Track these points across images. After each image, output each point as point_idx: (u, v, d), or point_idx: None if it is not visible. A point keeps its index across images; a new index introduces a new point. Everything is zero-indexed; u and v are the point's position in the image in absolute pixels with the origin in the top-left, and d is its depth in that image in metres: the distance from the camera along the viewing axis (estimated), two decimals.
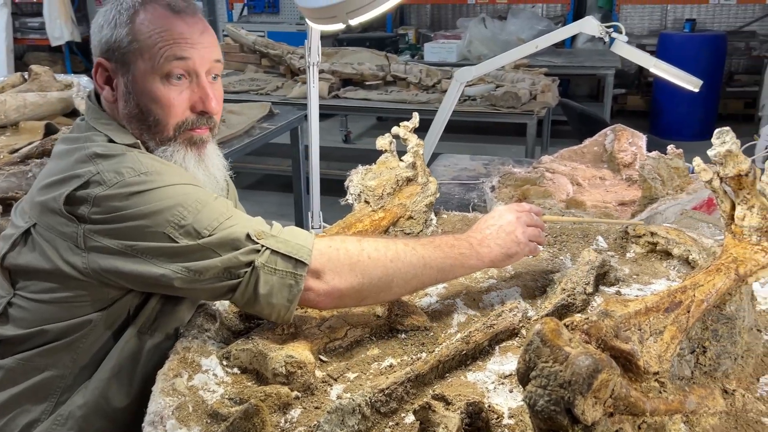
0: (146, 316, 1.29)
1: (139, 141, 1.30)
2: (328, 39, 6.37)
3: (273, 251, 1.17)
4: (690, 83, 2.33)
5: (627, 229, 1.61)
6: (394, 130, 1.61)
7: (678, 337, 0.95)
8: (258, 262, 1.16)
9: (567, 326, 0.94)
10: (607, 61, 6.03)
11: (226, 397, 1.11)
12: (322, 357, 1.23)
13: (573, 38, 7.28)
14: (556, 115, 5.60)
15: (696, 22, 6.97)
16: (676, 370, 0.99)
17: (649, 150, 2.56)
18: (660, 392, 0.94)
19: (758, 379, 1.13)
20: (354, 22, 1.16)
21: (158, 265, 1.17)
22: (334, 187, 2.74)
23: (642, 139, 2.70)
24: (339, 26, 1.20)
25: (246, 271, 1.16)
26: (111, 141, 1.27)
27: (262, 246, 1.17)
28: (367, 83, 4.93)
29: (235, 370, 1.19)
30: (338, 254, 1.20)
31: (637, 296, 1.40)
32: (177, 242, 1.16)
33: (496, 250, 1.30)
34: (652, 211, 2.08)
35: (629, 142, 2.73)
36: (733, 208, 1.11)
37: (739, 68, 7.34)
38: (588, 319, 0.93)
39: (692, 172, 2.34)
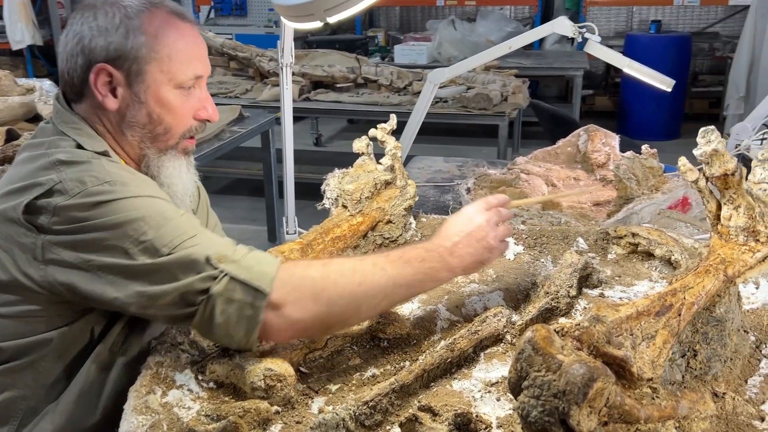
0: (114, 336, 1.23)
1: (109, 149, 1.25)
2: (297, 41, 6.31)
3: (232, 278, 1.09)
4: (663, 83, 2.34)
5: (608, 230, 1.60)
6: (372, 132, 1.57)
7: (670, 342, 0.93)
8: (214, 290, 1.09)
9: (558, 332, 0.91)
10: (576, 62, 6.08)
11: (203, 413, 1.06)
12: (302, 368, 1.18)
13: (541, 40, 7.33)
14: (526, 116, 5.63)
15: (661, 23, 7.07)
16: (667, 375, 0.97)
17: (621, 150, 2.57)
18: (653, 398, 0.92)
19: (746, 381, 1.12)
20: (332, 19, 1.12)
21: (113, 286, 1.11)
22: (306, 191, 2.69)
23: (615, 139, 2.71)
24: (316, 24, 1.17)
25: (202, 299, 1.09)
26: (79, 147, 1.21)
27: (221, 272, 1.09)
28: (338, 85, 4.89)
29: (211, 384, 1.14)
30: (302, 283, 1.13)
31: (621, 298, 1.38)
32: (134, 260, 1.10)
33: (467, 259, 1.24)
34: (628, 211, 2.08)
35: (602, 143, 2.73)
36: (719, 208, 1.10)
37: (703, 69, 7.46)
38: (579, 325, 0.90)
39: (667, 172, 2.35)
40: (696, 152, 1.05)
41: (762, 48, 5.34)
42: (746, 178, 1.05)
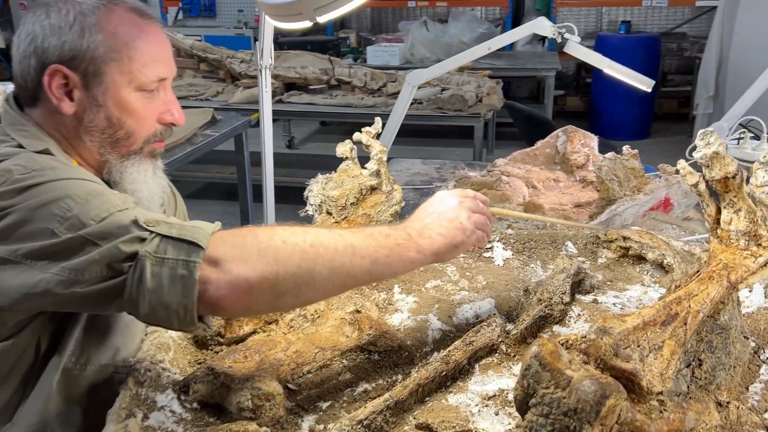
0: (70, 349, 1.13)
1: (49, 147, 1.16)
2: None
3: (163, 237, 0.97)
4: (643, 83, 2.33)
5: (598, 234, 1.57)
6: (356, 136, 1.52)
7: (677, 352, 0.90)
8: (143, 251, 0.96)
9: (563, 345, 0.88)
10: (547, 63, 6.10)
11: None
12: (290, 385, 1.13)
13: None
14: (500, 117, 5.63)
15: (631, 23, 7.14)
16: (674, 386, 0.93)
17: (600, 151, 2.56)
18: (660, 411, 0.88)
19: (747, 388, 1.09)
20: (322, 19, 1.07)
21: (37, 270, 0.99)
22: (280, 194, 2.63)
23: (594, 140, 2.70)
24: (305, 24, 1.11)
25: (130, 265, 0.96)
26: (19, 146, 1.14)
27: (151, 233, 0.98)
28: (311, 87, 4.82)
29: (195, 405, 1.08)
30: (244, 240, 1.00)
31: (614, 304, 1.36)
32: (59, 237, 0.99)
33: (438, 240, 1.12)
34: (611, 212, 2.06)
35: (581, 144, 2.71)
36: (718, 212, 1.07)
37: (672, 69, 7.56)
38: (585, 337, 0.86)
39: (648, 172, 2.34)
40: (696, 155, 1.02)
41: (730, 48, 5.41)
42: (747, 181, 1.02)
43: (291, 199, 1.53)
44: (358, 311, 1.29)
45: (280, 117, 6.01)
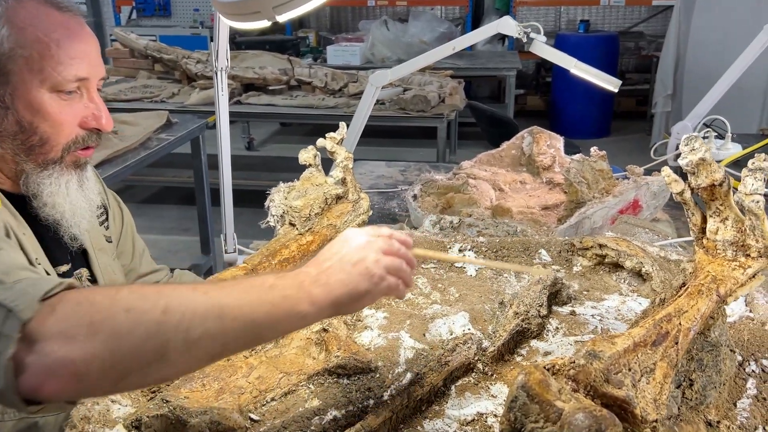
0: None
1: None
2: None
3: None
4: (610, 83, 2.30)
5: (573, 242, 1.52)
6: (320, 142, 1.44)
7: (670, 375, 0.84)
8: None
9: (549, 370, 0.81)
10: (508, 63, 6.09)
11: None
12: (252, 416, 1.04)
13: None
14: (462, 117, 5.59)
15: (589, 23, 7.19)
16: (666, 412, 0.88)
17: (564, 150, 2.53)
18: None
19: (735, 404, 1.05)
20: (281, 18, 0.98)
21: None
22: (239, 198, 2.53)
23: (560, 141, 2.67)
24: (262, 24, 1.03)
25: None
26: None
27: None
28: (270, 88, 4.70)
29: None
30: (77, 309, 0.77)
31: (593, 315, 1.30)
32: None
33: (337, 288, 0.89)
34: (581, 215, 2.02)
35: (547, 145, 2.68)
36: (704, 220, 1.02)
37: (629, 67, 7.64)
38: (574, 362, 0.80)
39: (616, 173, 2.31)
40: (681, 162, 0.97)
41: (687, 47, 5.47)
42: (734, 189, 0.97)
43: (251, 203, 1.44)
44: (325, 330, 1.21)
45: (239, 118, 5.87)
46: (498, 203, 2.29)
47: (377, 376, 1.14)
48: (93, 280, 1.33)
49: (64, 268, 1.28)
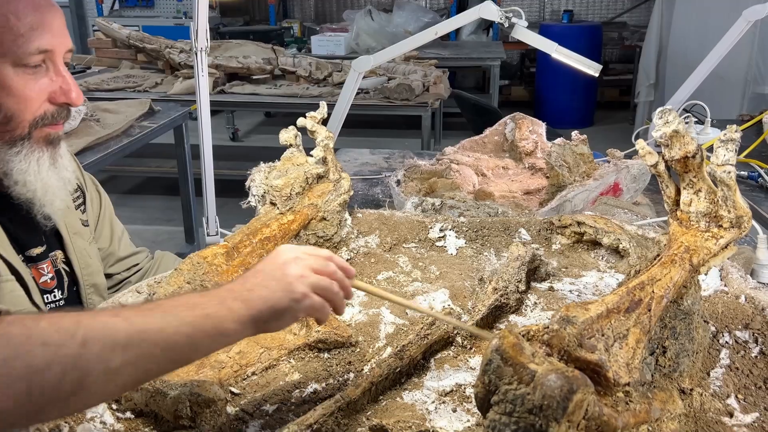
0: None
1: None
2: (209, 32, 6.03)
3: None
4: (590, 68, 2.31)
5: (552, 220, 1.53)
6: (300, 121, 1.44)
7: (643, 340, 0.85)
8: None
9: (524, 336, 0.82)
10: (493, 53, 6.10)
11: None
12: (233, 389, 1.05)
13: (458, 30, 7.34)
14: (447, 107, 5.60)
15: (573, 13, 7.22)
16: (638, 376, 0.89)
17: (547, 139, 2.54)
18: (626, 403, 0.84)
19: (708, 374, 1.07)
20: None
21: None
22: (224, 188, 2.53)
23: (542, 127, 2.68)
24: None
25: None
26: None
27: None
28: (254, 77, 4.69)
29: (128, 414, 0.99)
30: None
31: (570, 291, 1.32)
32: None
33: (256, 303, 0.86)
34: (562, 199, 2.03)
35: (530, 131, 2.69)
36: (678, 193, 1.04)
37: (613, 57, 7.68)
38: (548, 328, 0.81)
39: (596, 158, 2.33)
40: (655, 134, 0.98)
41: (669, 36, 5.51)
42: (708, 161, 0.99)
43: (235, 193, 1.44)
44: None
45: (223, 108, 5.85)
46: (480, 188, 2.30)
47: (357, 350, 1.15)
48: (68, 262, 1.33)
49: (38, 250, 1.27)
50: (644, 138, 3.08)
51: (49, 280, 1.28)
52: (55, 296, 1.29)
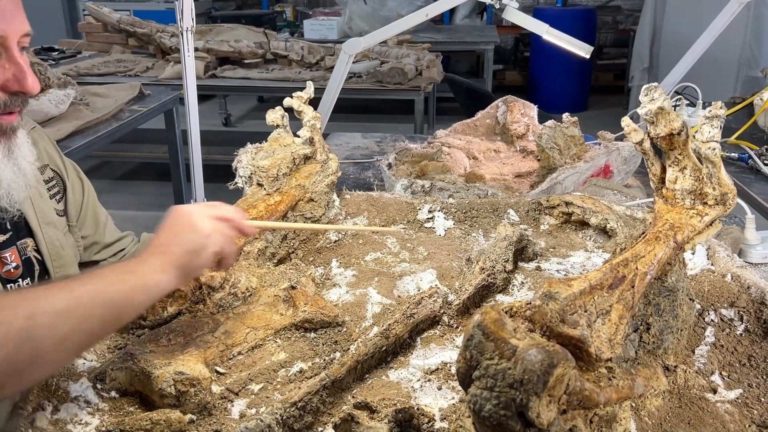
0: None
1: None
2: (200, 17, 5.99)
3: None
4: (581, 50, 2.30)
5: (540, 200, 1.53)
6: (287, 102, 1.43)
7: (626, 317, 0.85)
8: None
9: (507, 313, 0.82)
10: (486, 37, 6.07)
11: (103, 429, 0.91)
12: (218, 369, 1.05)
13: (451, 14, 7.31)
14: (440, 92, 5.59)
15: None
16: (622, 352, 0.89)
17: (540, 123, 2.54)
18: (609, 379, 0.84)
19: (693, 351, 1.07)
20: None
21: None
22: (216, 173, 2.51)
23: (533, 110, 2.68)
24: None
25: None
26: None
27: None
28: (246, 61, 4.66)
29: (113, 393, 0.99)
30: None
31: (558, 270, 1.32)
32: None
33: (174, 250, 0.97)
34: (552, 180, 2.03)
35: (521, 113, 2.69)
36: (663, 170, 1.03)
37: (607, 42, 7.65)
38: (530, 304, 0.81)
39: (588, 141, 2.33)
40: (641, 111, 0.98)
41: (663, 20, 5.49)
42: (693, 138, 0.99)
43: (228, 179, 1.43)
44: (293, 287, 1.21)
45: (215, 92, 5.82)
46: (471, 171, 2.30)
47: (344, 330, 1.15)
48: (39, 251, 1.30)
49: (2, 237, 1.22)
50: (637, 121, 3.08)
51: (12, 269, 1.24)
52: (20, 286, 1.25)
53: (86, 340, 0.87)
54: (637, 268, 0.90)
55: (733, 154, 2.30)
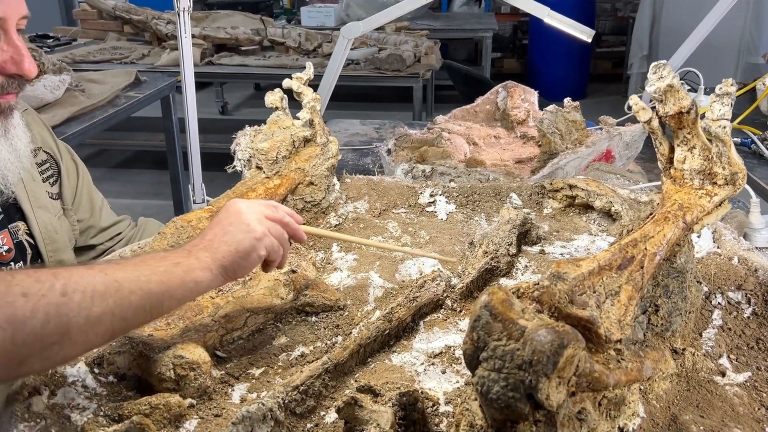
0: None
1: None
2: (197, 2, 5.94)
3: None
4: (583, 33, 2.28)
5: (543, 184, 1.51)
6: (286, 83, 1.40)
7: (635, 298, 0.84)
8: None
9: (514, 293, 0.80)
10: (485, 24, 6.03)
11: (101, 414, 0.89)
12: (218, 353, 1.03)
13: (449, 1, 7.26)
14: (438, 80, 5.55)
15: None
16: (630, 334, 0.88)
17: (540, 110, 2.52)
18: (618, 361, 0.82)
19: (701, 334, 1.05)
20: None
21: None
22: (213, 161, 2.49)
23: (534, 95, 2.66)
24: None
25: None
26: None
27: None
28: (243, 48, 4.62)
29: (111, 378, 0.97)
30: None
31: (561, 254, 1.30)
32: None
33: (222, 249, 0.93)
34: (553, 166, 2.02)
35: (521, 99, 2.67)
36: (671, 150, 1.01)
37: (606, 29, 7.61)
38: (538, 284, 0.79)
39: (590, 126, 2.30)
40: (649, 89, 0.95)
41: (663, 6, 5.46)
42: (701, 116, 0.97)
43: (225, 167, 1.40)
44: (293, 271, 1.19)
45: (212, 79, 5.78)
46: (472, 156, 2.28)
47: (346, 314, 1.13)
48: (32, 234, 1.29)
49: None
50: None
51: (4, 252, 1.23)
52: (12, 269, 1.23)
53: (118, 325, 0.83)
54: (646, 248, 0.88)
55: (735, 139, 2.28)
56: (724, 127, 0.93)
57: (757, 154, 2.24)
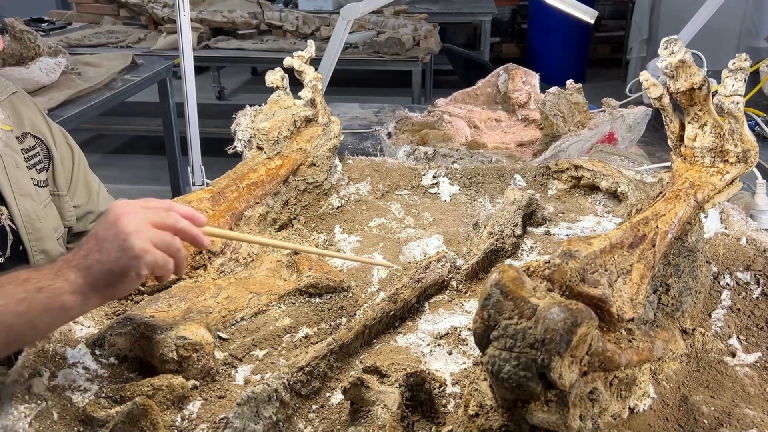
0: None
1: None
2: None
3: None
4: (586, 14, 2.25)
5: (548, 165, 1.49)
6: (287, 61, 1.38)
7: (647, 276, 0.82)
8: None
9: (525, 272, 0.79)
10: (483, 8, 5.98)
11: (102, 395, 0.88)
12: (221, 334, 1.01)
13: None
14: (437, 65, 5.51)
15: None
16: (643, 313, 0.86)
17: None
18: (629, 341, 0.81)
19: (710, 315, 1.04)
20: None
21: None
22: (211, 146, 2.46)
23: (535, 78, 2.63)
24: None
25: None
26: None
27: None
28: (240, 32, 4.57)
29: (112, 360, 0.95)
30: None
31: (567, 235, 1.28)
32: None
33: (95, 268, 0.81)
34: (556, 148, 2.00)
35: (523, 81, 2.64)
36: (682, 128, 0.99)
37: (605, 14, 7.55)
38: (549, 263, 0.78)
39: (592, 109, 2.28)
40: (660, 64, 0.93)
41: None
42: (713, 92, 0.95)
43: (222, 152, 1.38)
44: (296, 253, 1.17)
45: (209, 63, 5.73)
46: (473, 139, 2.25)
47: (350, 295, 1.11)
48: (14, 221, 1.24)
49: None
50: (638, 90, 3.01)
51: None
52: None
53: None
54: (657, 226, 0.86)
55: None
56: (737, 103, 0.91)
57: (761, 136, 2.22)
